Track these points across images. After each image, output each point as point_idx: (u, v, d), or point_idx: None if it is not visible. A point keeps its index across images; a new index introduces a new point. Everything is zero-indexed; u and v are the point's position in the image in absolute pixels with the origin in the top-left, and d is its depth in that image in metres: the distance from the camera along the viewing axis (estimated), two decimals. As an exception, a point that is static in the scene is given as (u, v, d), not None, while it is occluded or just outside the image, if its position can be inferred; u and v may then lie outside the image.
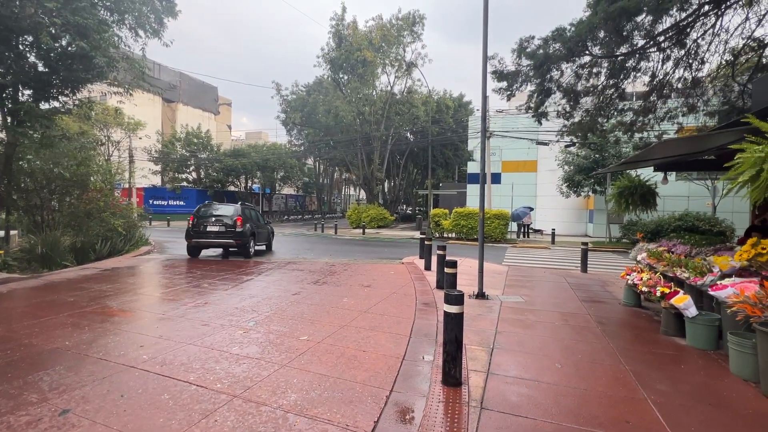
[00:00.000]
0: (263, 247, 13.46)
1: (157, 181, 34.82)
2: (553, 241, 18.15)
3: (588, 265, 10.04)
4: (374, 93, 27.67)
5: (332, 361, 3.86)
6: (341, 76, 27.61)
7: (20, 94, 10.06)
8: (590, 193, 19.96)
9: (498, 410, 2.99)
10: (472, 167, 27.62)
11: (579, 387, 3.43)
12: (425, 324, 5.16)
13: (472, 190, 26.40)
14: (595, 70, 9.41)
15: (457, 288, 5.98)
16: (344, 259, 11.46)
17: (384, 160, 29.21)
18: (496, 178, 24.95)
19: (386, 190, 36.92)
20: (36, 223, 10.65)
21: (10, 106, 9.73)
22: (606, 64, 9.26)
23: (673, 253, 5.96)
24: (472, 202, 24.91)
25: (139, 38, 11.50)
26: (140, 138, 30.72)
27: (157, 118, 40.71)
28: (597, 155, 18.19)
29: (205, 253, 12.19)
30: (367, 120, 27.10)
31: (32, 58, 10.02)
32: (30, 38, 9.50)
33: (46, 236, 9.61)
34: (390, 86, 28.38)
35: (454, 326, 3.42)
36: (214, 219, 11.24)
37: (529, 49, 8.98)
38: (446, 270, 5.90)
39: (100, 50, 9.72)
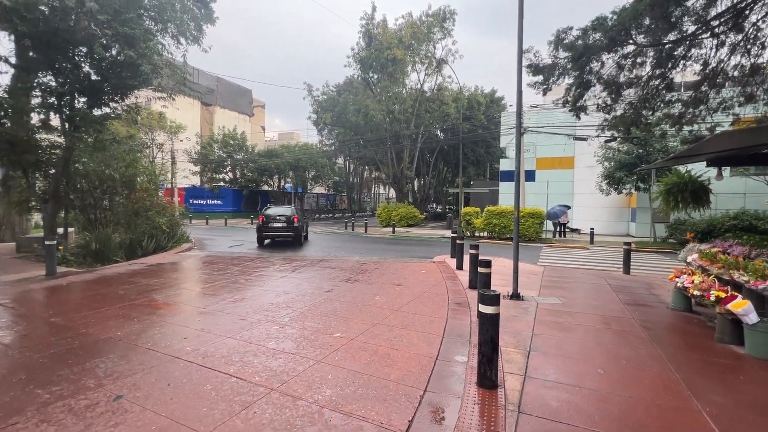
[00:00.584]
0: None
1: (196, 181, 36.48)
2: (591, 241, 17.35)
3: (631, 267, 9.51)
4: (404, 91, 27.57)
5: (365, 358, 3.88)
6: (371, 75, 27.71)
7: (76, 101, 10.86)
8: (633, 191, 18.90)
9: (537, 415, 2.89)
10: (505, 164, 26.92)
11: (624, 394, 3.26)
12: (458, 324, 5.09)
13: (505, 188, 25.73)
14: (639, 60, 8.86)
15: (491, 288, 5.86)
16: (375, 258, 11.52)
17: (414, 159, 29.06)
18: (531, 176, 24.16)
19: (416, 188, 36.72)
20: (90, 221, 11.47)
21: (68, 112, 10.51)
22: (652, 53, 8.69)
23: (729, 254, 5.51)
24: (505, 200, 24.29)
25: (181, 45, 12.08)
26: (181, 140, 32.33)
27: (196, 121, 42.68)
28: (641, 150, 17.17)
29: (241, 249, 12.98)
30: (397, 118, 27.04)
31: (86, 68, 10.77)
32: (84, 49, 10.20)
33: (99, 233, 10.33)
34: (420, 84, 28.19)
35: (489, 327, 3.34)
36: (277, 217, 14.78)
37: (566, 41, 8.59)
38: (480, 269, 5.78)
39: (146, 58, 10.30)
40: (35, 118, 11.26)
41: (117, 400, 3.00)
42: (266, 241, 15.21)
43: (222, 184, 36.14)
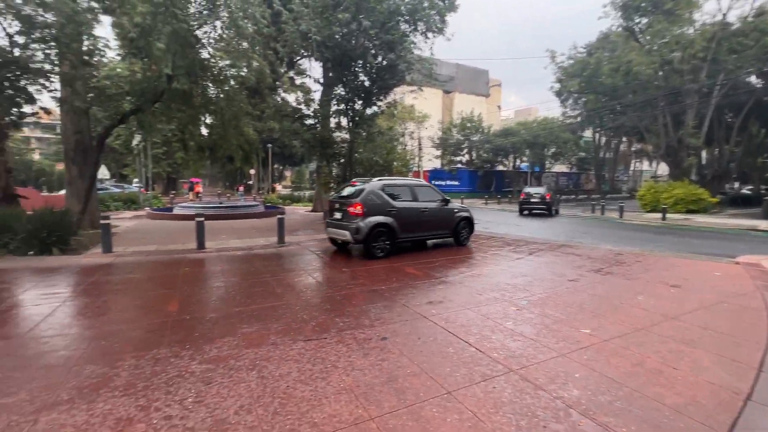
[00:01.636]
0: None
1: (437, 164, 40.40)
2: None
3: None
4: (691, 30, 20.48)
5: (625, 367, 3.18)
6: (637, 20, 22.04)
7: (355, 104, 13.98)
8: None
9: None
10: None
11: None
12: (792, 357, 3.39)
13: None
14: None
15: None
16: (634, 249, 9.34)
17: (703, 121, 21.44)
18: None
19: (703, 162, 27.17)
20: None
21: (351, 114, 13.67)
22: None
23: None
24: None
25: (428, 39, 13.33)
26: (426, 128, 36.45)
27: (438, 109, 46.98)
28: None
29: (476, 228, 13.33)
30: (676, 70, 20.47)
31: (361, 76, 13.63)
32: (360, 62, 12.91)
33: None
34: (722, 13, 20.15)
35: None
36: (534, 194, 19.64)
37: None
38: None
39: (401, 58, 11.99)
40: (332, 122, 15.31)
41: (383, 340, 3.68)
42: (525, 212, 19.88)
43: (459, 165, 38.43)
